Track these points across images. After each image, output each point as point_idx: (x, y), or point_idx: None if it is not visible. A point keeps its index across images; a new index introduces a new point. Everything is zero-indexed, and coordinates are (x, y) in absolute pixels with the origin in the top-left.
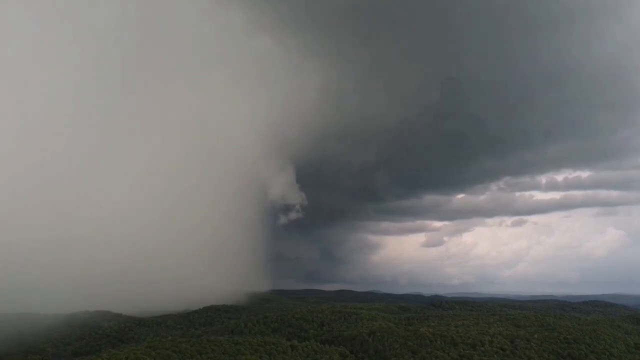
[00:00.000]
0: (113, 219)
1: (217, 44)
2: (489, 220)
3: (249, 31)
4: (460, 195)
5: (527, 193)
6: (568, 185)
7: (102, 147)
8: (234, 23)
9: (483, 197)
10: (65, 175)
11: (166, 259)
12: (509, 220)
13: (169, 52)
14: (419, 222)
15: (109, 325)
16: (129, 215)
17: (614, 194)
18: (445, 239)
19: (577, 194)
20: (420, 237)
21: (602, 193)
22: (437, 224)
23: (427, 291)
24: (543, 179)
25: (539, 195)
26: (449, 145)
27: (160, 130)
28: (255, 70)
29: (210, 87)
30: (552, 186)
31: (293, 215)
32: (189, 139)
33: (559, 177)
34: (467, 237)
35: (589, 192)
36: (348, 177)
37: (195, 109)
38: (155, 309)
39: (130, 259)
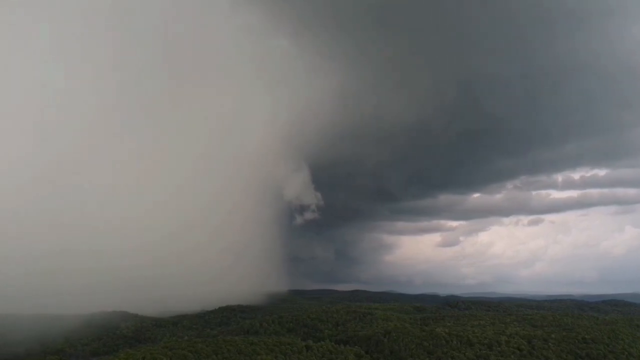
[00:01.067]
0: (131, 221)
1: (234, 45)
2: (505, 220)
3: (266, 32)
4: (475, 195)
5: (543, 192)
6: (585, 184)
7: (122, 151)
8: (252, 24)
9: (499, 196)
10: (85, 178)
11: (184, 260)
12: (525, 219)
13: (186, 54)
14: (434, 222)
15: (126, 326)
16: (146, 217)
17: (631, 192)
18: (461, 238)
19: (594, 192)
20: (436, 237)
21: (620, 191)
22: (453, 223)
23: (442, 291)
24: (559, 177)
25: (556, 194)
26: (464, 144)
27: (177, 133)
28: (272, 72)
29: (227, 89)
30: (569, 184)
31: (309, 216)
32: (206, 141)
33: (576, 175)
34: (483, 237)
35: (606, 191)
36: (363, 177)
37: (212, 110)
38: (172, 310)
39: (147, 260)
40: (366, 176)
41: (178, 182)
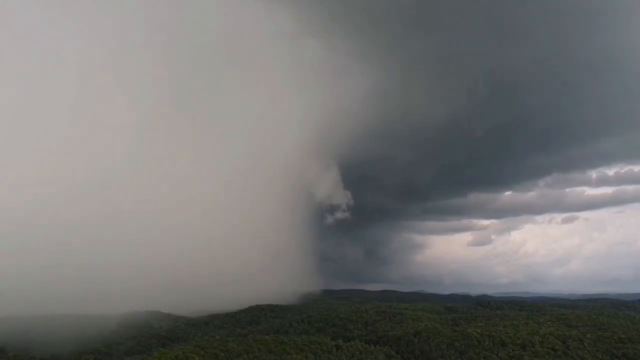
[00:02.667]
0: (164, 223)
1: (265, 47)
2: (538, 218)
3: (296, 33)
4: (507, 193)
5: (577, 189)
6: (620, 180)
7: (159, 152)
8: (283, 25)
9: (531, 193)
10: (124, 177)
11: (216, 261)
12: (559, 217)
13: (218, 57)
14: (465, 221)
15: (159, 325)
16: (179, 218)
17: None
18: (493, 237)
19: (629, 188)
20: (467, 236)
21: None
22: (485, 222)
23: (474, 291)
24: (593, 173)
25: (590, 191)
26: (495, 141)
27: (211, 135)
28: (303, 74)
29: (258, 91)
30: (603, 181)
31: (339, 215)
32: (240, 144)
33: (610, 171)
34: (516, 235)
35: None
36: (393, 176)
37: (244, 113)
38: (204, 309)
39: (182, 262)
40: (396, 175)
41: (213, 184)
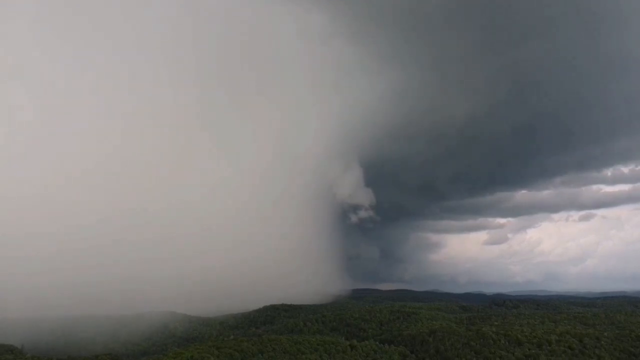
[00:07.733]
0: (186, 222)
1: (291, 49)
2: (555, 216)
3: (321, 35)
4: (523, 191)
5: (594, 186)
6: (636, 177)
7: (184, 153)
8: (307, 27)
9: (548, 191)
10: (151, 179)
11: (239, 262)
12: (576, 215)
13: (245, 59)
14: (481, 220)
15: (175, 326)
16: (202, 219)
17: None
18: (509, 235)
19: None
20: (483, 235)
21: None
22: (501, 220)
23: (489, 290)
24: (609, 171)
25: (607, 188)
26: (512, 141)
27: (236, 138)
28: (328, 75)
29: (284, 92)
30: (619, 178)
31: (363, 214)
32: (265, 146)
33: (626, 169)
34: (532, 234)
35: None
36: (412, 175)
37: (269, 116)
38: (219, 309)
39: (203, 261)
40: (415, 173)
41: (235, 187)
